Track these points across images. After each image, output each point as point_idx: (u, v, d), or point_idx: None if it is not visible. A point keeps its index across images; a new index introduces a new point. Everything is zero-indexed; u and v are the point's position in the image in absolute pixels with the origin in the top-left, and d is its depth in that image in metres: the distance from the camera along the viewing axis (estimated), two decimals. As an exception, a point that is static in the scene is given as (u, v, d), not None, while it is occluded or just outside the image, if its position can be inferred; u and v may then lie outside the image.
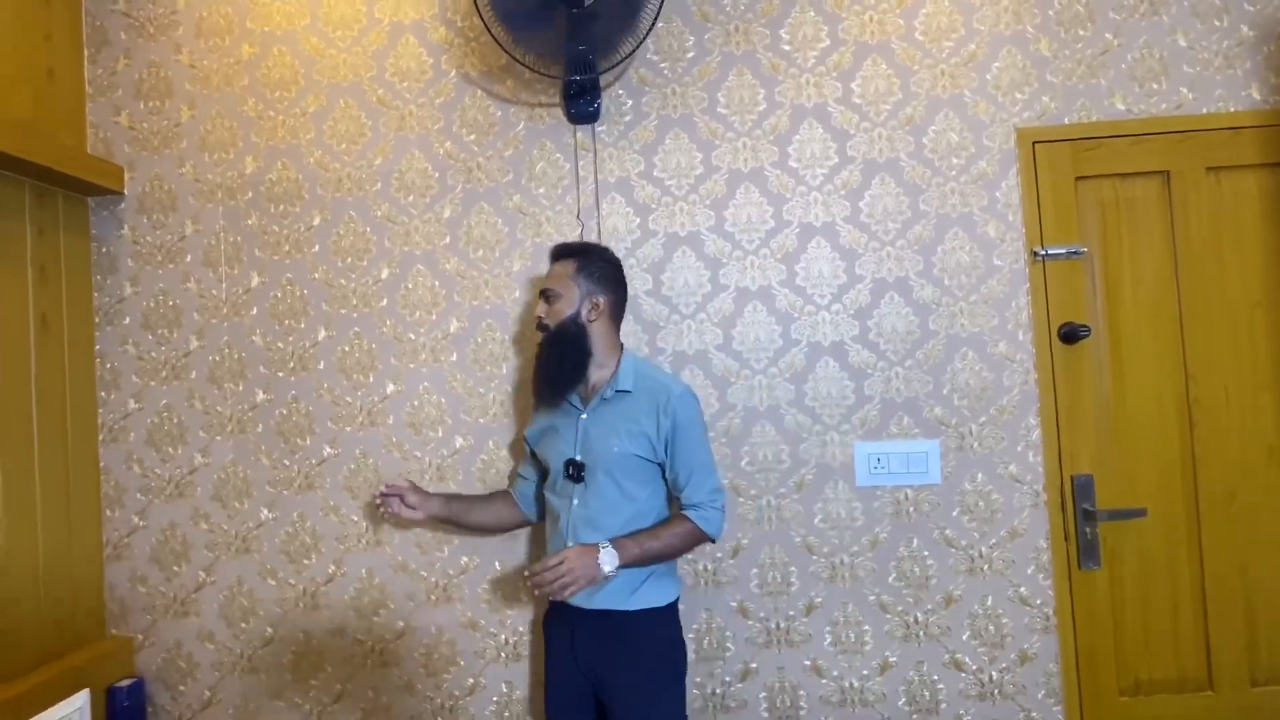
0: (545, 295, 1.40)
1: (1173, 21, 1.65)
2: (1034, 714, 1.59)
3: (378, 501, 1.48)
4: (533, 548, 1.64)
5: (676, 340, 1.66)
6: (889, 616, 1.61)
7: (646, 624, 1.34)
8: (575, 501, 1.36)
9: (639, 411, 1.34)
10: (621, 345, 1.44)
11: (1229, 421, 1.61)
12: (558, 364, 1.36)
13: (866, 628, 1.61)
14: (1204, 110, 1.64)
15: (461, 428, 1.67)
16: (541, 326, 1.40)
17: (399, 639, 1.65)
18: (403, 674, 1.64)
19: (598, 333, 1.38)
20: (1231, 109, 1.64)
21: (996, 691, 1.60)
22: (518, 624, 1.63)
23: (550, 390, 1.37)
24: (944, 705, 1.60)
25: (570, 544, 1.32)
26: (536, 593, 1.36)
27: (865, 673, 1.61)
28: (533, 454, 1.51)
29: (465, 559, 1.65)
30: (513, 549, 1.64)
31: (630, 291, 1.64)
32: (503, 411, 1.66)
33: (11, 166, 1.47)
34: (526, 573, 1.26)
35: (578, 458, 1.37)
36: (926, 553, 1.62)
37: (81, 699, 1.52)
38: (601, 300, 1.38)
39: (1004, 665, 1.60)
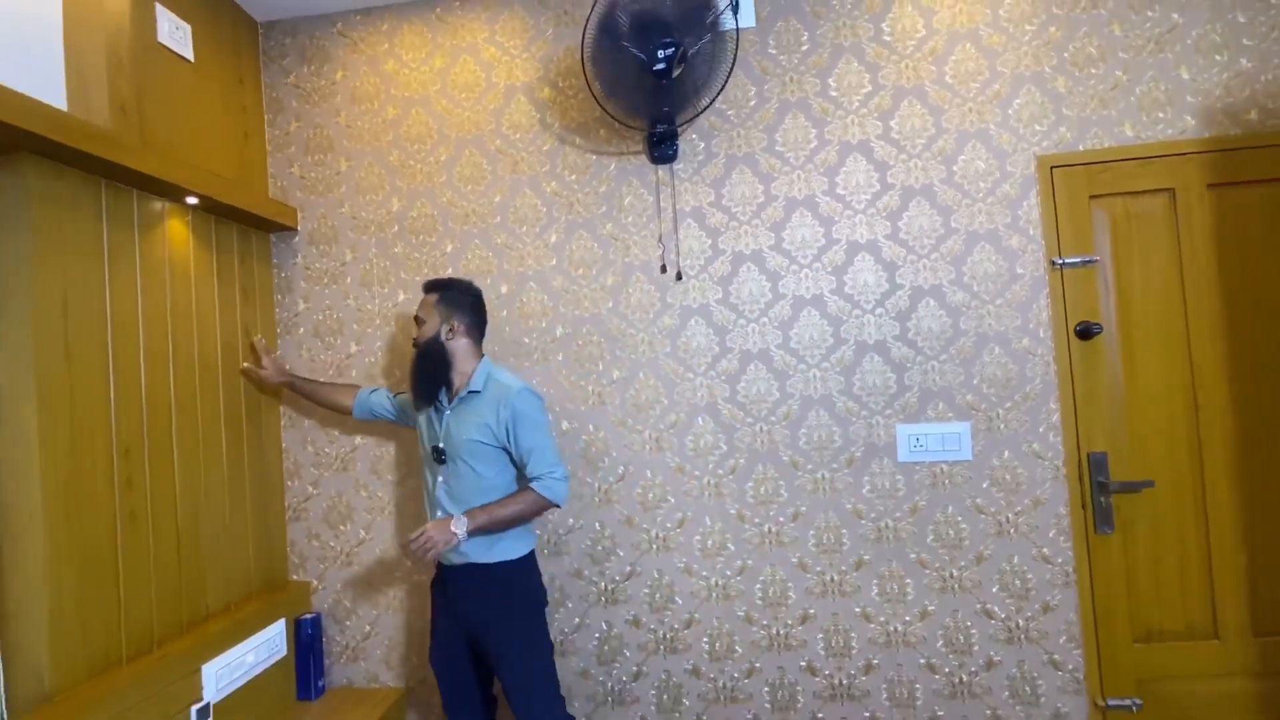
0: (416, 320, 1.77)
1: (1176, 58, 1.89)
2: (1056, 656, 1.86)
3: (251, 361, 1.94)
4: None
5: (743, 340, 1.99)
6: (927, 572, 1.91)
7: (505, 573, 1.68)
8: (440, 479, 1.71)
9: (485, 408, 1.68)
10: (482, 355, 1.77)
11: (1231, 407, 1.84)
12: (424, 373, 1.71)
13: (908, 581, 1.91)
14: (1206, 134, 1.87)
15: (565, 413, 2.03)
16: (414, 344, 1.75)
17: (518, 586, 2.03)
18: (522, 614, 2.02)
19: (458, 348, 1.73)
20: (1233, 132, 1.87)
21: (1023, 636, 1.87)
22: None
23: (421, 395, 1.72)
24: (976, 647, 1.89)
25: (438, 511, 1.71)
26: (410, 560, 1.67)
27: (907, 619, 1.91)
28: (401, 408, 1.91)
29: (570, 520, 2.02)
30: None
31: (701, 301, 1.99)
32: (600, 400, 2.03)
33: (226, 213, 1.91)
34: (402, 543, 1.58)
35: (440, 444, 1.71)
36: (960, 518, 1.90)
37: (280, 626, 1.96)
38: (457, 323, 1.72)
39: (1029, 614, 1.88)
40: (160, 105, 1.75)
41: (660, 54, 1.65)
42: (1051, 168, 1.91)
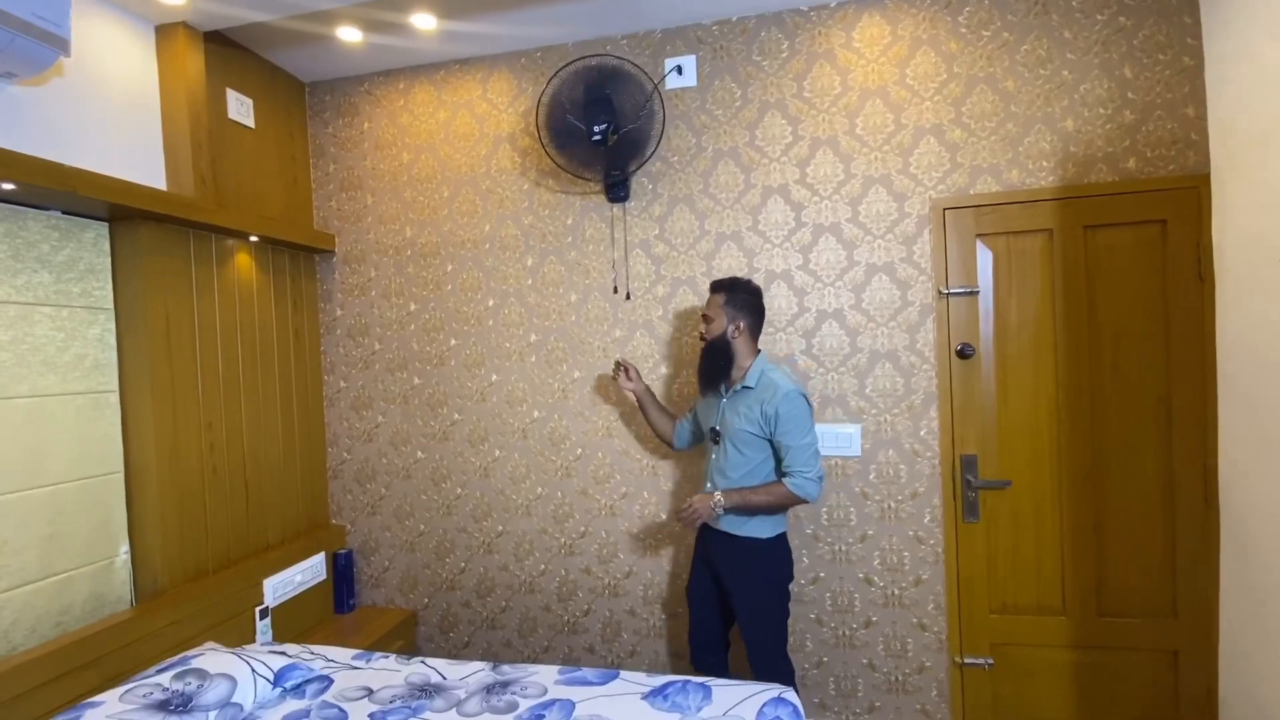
0: (704, 318, 2.01)
1: (1063, 111, 2.13)
2: (924, 621, 2.25)
3: (614, 372, 2.21)
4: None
5: (678, 351, 2.42)
6: (821, 545, 2.32)
7: (751, 548, 1.94)
8: (714, 455, 2.02)
9: (755, 402, 1.90)
10: (759, 352, 2.01)
11: (1090, 420, 2.13)
12: (710, 367, 1.98)
13: (804, 551, 2.33)
14: (1086, 180, 2.12)
15: (537, 404, 2.54)
16: (702, 339, 2.02)
17: (499, 538, 2.59)
18: (502, 559, 2.58)
19: (739, 346, 1.97)
20: (1111, 179, 2.10)
21: (897, 603, 2.27)
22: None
23: (704, 384, 2.02)
24: (858, 608, 2.30)
25: (709, 483, 2.02)
26: (679, 524, 2.07)
27: (802, 583, 2.33)
28: (694, 415, 2.20)
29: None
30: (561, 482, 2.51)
31: (645, 318, 2.43)
32: (564, 395, 2.52)
33: (280, 243, 2.49)
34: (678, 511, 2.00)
35: (717, 427, 2.02)
36: (849, 504, 2.29)
37: (320, 557, 2.59)
38: (741, 323, 1.97)
39: (903, 585, 2.26)
40: (229, 169, 2.32)
41: (596, 128, 2.07)
42: (944, 209, 2.21)
